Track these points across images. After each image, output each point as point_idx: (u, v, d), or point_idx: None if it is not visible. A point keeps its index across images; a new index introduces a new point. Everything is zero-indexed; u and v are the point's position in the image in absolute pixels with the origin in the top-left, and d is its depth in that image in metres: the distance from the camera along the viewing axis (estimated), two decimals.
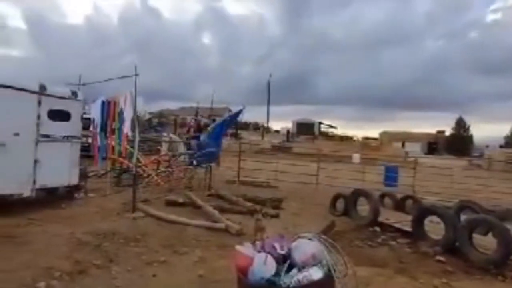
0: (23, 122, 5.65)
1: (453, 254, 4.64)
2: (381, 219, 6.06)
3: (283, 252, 2.26)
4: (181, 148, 10.50)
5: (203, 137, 9.97)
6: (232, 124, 10.15)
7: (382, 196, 7.84)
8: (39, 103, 5.86)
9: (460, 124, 51.73)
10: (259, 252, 2.28)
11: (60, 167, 6.28)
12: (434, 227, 5.34)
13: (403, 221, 5.94)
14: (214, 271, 3.77)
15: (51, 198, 6.26)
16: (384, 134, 54.04)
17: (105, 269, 3.66)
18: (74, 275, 3.45)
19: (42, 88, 5.91)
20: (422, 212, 5.44)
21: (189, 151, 9.69)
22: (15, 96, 5.51)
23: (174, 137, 12.17)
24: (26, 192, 5.71)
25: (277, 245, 2.27)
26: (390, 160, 19.39)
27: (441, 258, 4.53)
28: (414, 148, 39.74)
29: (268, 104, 52.82)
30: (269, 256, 2.18)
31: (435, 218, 5.33)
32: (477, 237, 4.76)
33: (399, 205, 7.48)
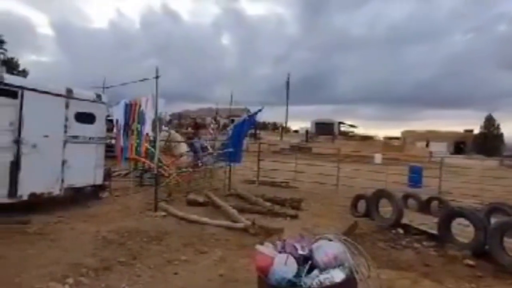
0: (52, 124, 5.90)
1: (482, 258, 4.44)
2: (404, 220, 5.88)
3: (304, 253, 2.23)
4: (183, 148, 10.04)
5: (223, 137, 10.02)
6: (252, 124, 10.06)
7: (406, 197, 7.61)
8: (67, 106, 6.11)
9: (490, 122, 49.35)
10: (279, 252, 2.26)
11: (86, 167, 6.52)
12: (462, 230, 5.13)
13: (429, 223, 5.74)
14: (234, 270, 3.79)
15: (77, 197, 6.51)
16: (406, 133, 52.46)
17: (129, 266, 3.77)
18: (99, 271, 3.57)
19: (69, 91, 6.16)
20: (449, 214, 5.23)
21: (212, 151, 9.69)
22: (45, 100, 5.78)
23: (174, 134, 11.03)
24: (55, 191, 5.97)
25: (298, 246, 2.25)
26: (414, 161, 18.76)
27: (470, 262, 4.34)
28: (440, 148, 38.27)
29: (287, 104, 52.67)
30: (290, 256, 2.16)
31: (463, 221, 5.12)
32: (508, 241, 4.52)
33: (424, 207, 7.23)
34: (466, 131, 53.06)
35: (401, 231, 5.68)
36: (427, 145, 43.23)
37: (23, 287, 3.16)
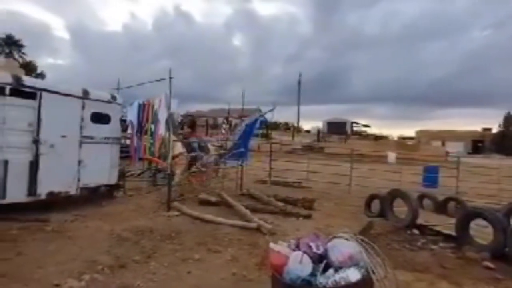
0: (69, 124, 6.04)
1: (502, 260, 4.30)
2: (420, 221, 5.75)
3: (319, 252, 2.20)
4: (177, 149, 9.68)
5: (234, 137, 10.00)
6: (263, 124, 10.04)
7: (421, 197, 7.45)
8: (83, 107, 6.25)
9: (509, 121, 47.88)
10: (294, 251, 2.24)
11: (101, 167, 6.64)
12: (481, 231, 4.98)
13: (445, 224, 5.60)
14: (247, 269, 3.79)
15: (93, 196, 6.64)
16: (421, 132, 51.49)
17: (143, 264, 3.82)
18: (115, 269, 3.63)
19: (86, 93, 6.30)
20: (467, 215, 5.09)
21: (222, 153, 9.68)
22: (62, 101, 5.93)
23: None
24: (72, 191, 6.11)
25: (313, 245, 2.22)
26: (429, 160, 18.34)
27: (489, 264, 4.21)
28: (457, 147, 37.30)
29: (299, 103, 52.41)
30: (305, 255, 2.14)
31: (481, 222, 4.97)
32: None
33: (440, 207, 7.06)
34: (484, 129, 51.72)
35: (416, 231, 5.56)
36: (443, 145, 42.24)
37: (43, 283, 3.24)
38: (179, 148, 9.38)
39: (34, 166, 5.48)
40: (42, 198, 5.61)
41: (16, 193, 5.26)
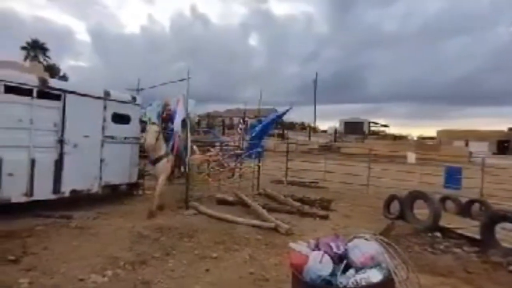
0: (91, 125, 6.24)
1: None
2: (443, 223, 5.58)
3: (339, 252, 2.17)
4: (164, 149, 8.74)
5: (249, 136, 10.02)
6: (278, 123, 10.07)
7: (443, 199, 7.21)
8: (105, 107, 6.43)
9: None
10: (314, 250, 2.23)
11: (121, 166, 6.82)
12: (507, 235, 4.78)
13: (469, 227, 5.40)
14: (265, 269, 3.80)
15: (113, 194, 6.82)
16: (442, 132, 49.93)
17: (163, 261, 3.90)
18: (136, 265, 3.72)
19: (107, 94, 6.48)
20: (493, 218, 4.89)
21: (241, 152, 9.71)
22: (86, 102, 6.12)
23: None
24: (94, 188, 6.30)
25: (333, 245, 2.20)
26: (451, 161, 17.75)
27: None
28: (480, 148, 35.85)
29: (315, 103, 51.90)
30: (325, 255, 2.12)
31: (507, 225, 4.77)
32: None
33: (464, 210, 6.81)
34: (510, 129, 49.58)
35: (438, 234, 5.40)
36: (466, 145, 40.73)
37: (67, 277, 3.36)
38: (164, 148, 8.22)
39: (58, 165, 5.69)
40: (66, 195, 5.81)
41: (42, 190, 5.48)
